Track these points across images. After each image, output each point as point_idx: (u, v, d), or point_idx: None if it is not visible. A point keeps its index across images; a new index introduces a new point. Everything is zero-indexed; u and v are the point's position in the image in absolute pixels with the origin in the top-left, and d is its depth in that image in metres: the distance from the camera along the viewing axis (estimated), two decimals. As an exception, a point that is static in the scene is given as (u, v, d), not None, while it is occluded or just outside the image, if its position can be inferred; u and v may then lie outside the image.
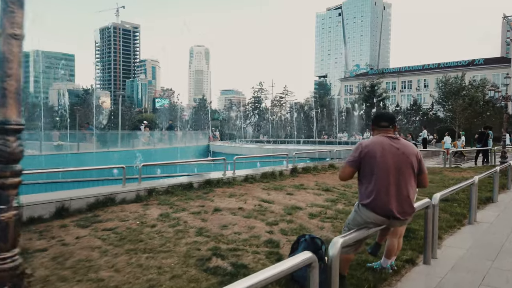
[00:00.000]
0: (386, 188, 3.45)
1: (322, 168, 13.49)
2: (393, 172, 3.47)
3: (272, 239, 5.36)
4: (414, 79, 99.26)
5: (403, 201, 3.50)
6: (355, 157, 3.58)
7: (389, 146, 3.53)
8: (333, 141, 35.82)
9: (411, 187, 3.58)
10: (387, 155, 3.49)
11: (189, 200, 7.33)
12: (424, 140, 23.59)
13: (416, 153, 3.64)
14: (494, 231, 6.57)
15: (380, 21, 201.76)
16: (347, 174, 3.65)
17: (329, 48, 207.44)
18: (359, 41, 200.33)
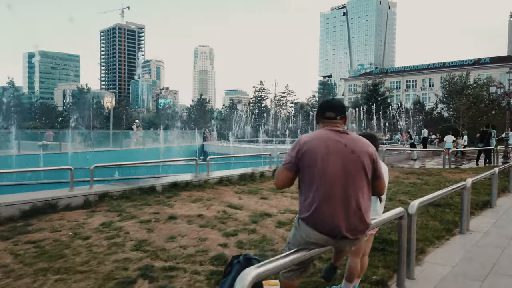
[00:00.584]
0: (330, 198, 2.62)
1: None
2: (339, 177, 2.64)
3: (223, 254, 4.56)
4: (419, 79, 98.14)
5: (353, 214, 2.65)
6: (292, 157, 2.73)
7: (335, 143, 2.70)
8: None
9: (363, 196, 2.71)
10: (331, 155, 2.66)
11: (144, 206, 6.55)
12: (424, 140, 22.64)
13: (371, 152, 2.77)
14: (487, 243, 5.72)
15: (385, 20, 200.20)
16: (283, 180, 2.78)
17: (334, 47, 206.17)
18: (363, 41, 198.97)
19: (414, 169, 14.89)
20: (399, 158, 18.36)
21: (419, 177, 12.48)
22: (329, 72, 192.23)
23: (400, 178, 11.92)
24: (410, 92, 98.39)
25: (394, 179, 11.53)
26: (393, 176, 12.22)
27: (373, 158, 2.77)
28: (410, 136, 21.31)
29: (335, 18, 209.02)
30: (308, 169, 2.68)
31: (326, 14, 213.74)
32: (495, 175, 8.66)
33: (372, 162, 2.77)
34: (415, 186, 10.48)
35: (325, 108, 2.91)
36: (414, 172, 13.71)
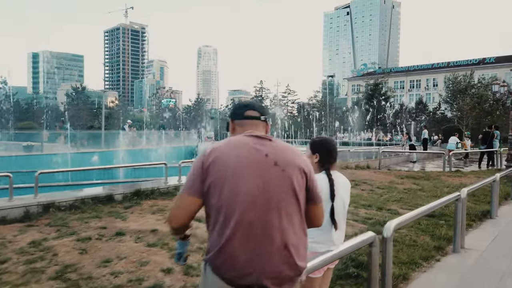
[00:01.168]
0: (243, 230, 1.79)
1: None
2: (256, 199, 1.80)
3: (162, 285, 3.78)
4: (423, 78, 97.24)
5: (276, 254, 1.80)
6: (195, 174, 1.87)
7: (253, 152, 1.87)
8: None
9: (293, 227, 1.86)
10: (246, 168, 1.83)
11: (93, 218, 5.76)
12: (424, 141, 21.72)
13: (303, 165, 1.93)
14: (484, 267, 4.89)
15: (389, 20, 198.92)
16: (185, 211, 1.87)
17: (337, 47, 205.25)
18: (367, 40, 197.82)
19: (412, 173, 14.04)
20: (397, 161, 17.51)
21: (415, 182, 11.65)
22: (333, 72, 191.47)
23: (395, 183, 11.09)
24: (414, 92, 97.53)
25: (388, 184, 10.71)
26: (388, 180, 11.40)
27: (306, 174, 1.93)
28: (409, 137, 20.43)
29: (339, 17, 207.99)
30: (215, 189, 1.83)
31: (330, 14, 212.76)
32: (496, 182, 7.80)
33: (305, 179, 1.93)
34: (409, 192, 9.65)
35: (244, 107, 2.09)
36: (411, 176, 12.86)
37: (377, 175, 12.61)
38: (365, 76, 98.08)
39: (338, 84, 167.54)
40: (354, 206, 7.69)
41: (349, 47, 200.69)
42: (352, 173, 12.26)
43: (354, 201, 8.09)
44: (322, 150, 2.82)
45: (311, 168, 1.99)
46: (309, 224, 1.99)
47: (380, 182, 10.96)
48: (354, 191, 9.34)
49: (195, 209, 1.87)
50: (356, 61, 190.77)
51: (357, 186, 10.01)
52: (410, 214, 3.98)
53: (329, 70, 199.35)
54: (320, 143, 2.85)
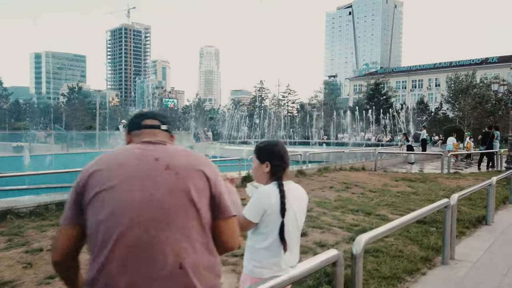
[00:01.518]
0: (125, 251, 1.39)
1: None
2: (144, 214, 1.41)
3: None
4: (425, 78, 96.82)
5: (168, 278, 1.39)
6: (70, 198, 1.49)
7: (139, 159, 1.48)
8: (328, 142, 33.58)
9: (192, 245, 1.45)
10: (131, 178, 1.44)
11: (53, 226, 5.33)
12: (423, 142, 21.20)
13: (203, 168, 1.53)
14: (474, 280, 4.44)
15: (392, 19, 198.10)
16: (60, 244, 1.50)
17: (339, 47, 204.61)
18: (370, 40, 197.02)
19: (408, 175, 13.58)
20: (394, 162, 17.05)
21: (410, 184, 11.19)
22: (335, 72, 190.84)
23: (388, 185, 10.63)
24: (416, 92, 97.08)
25: (381, 187, 10.26)
26: (381, 183, 10.95)
27: (209, 179, 1.52)
28: (407, 138, 19.94)
29: (341, 17, 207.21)
30: (93, 207, 1.43)
31: (332, 14, 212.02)
32: (492, 186, 7.33)
33: (208, 185, 1.52)
34: (402, 196, 9.18)
35: (141, 116, 1.69)
36: (407, 178, 12.40)
37: (371, 177, 12.16)
38: (367, 76, 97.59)
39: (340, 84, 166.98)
40: (341, 211, 7.27)
41: (351, 47, 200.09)
42: (345, 175, 11.83)
43: (342, 206, 7.67)
44: (273, 156, 2.37)
45: (217, 172, 1.57)
46: (217, 245, 1.56)
47: (373, 184, 10.51)
48: (344, 194, 8.91)
49: (73, 239, 1.49)
50: (358, 61, 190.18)
51: (348, 189, 9.58)
52: (385, 227, 3.52)
53: (331, 70, 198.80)
54: (269, 149, 2.40)
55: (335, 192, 8.96)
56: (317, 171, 11.83)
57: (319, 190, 9.10)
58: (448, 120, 44.31)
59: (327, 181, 10.40)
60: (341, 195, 8.72)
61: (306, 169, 11.55)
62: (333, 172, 12.19)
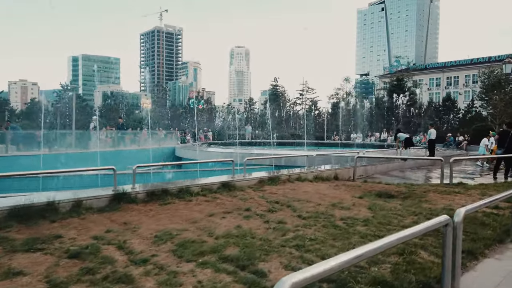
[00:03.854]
0: None
1: (254, 187, 8.51)
2: None
3: None
4: (461, 75, 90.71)
5: None
6: None
7: None
8: (334, 143, 30.22)
9: None
10: None
11: None
12: (431, 144, 17.41)
13: None
14: None
15: (427, 14, 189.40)
16: None
17: (371, 45, 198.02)
18: (403, 37, 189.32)
19: (391, 187, 10.32)
20: (387, 168, 13.69)
21: (381, 203, 8.05)
22: (367, 70, 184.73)
23: (340, 205, 7.49)
24: (451, 90, 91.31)
25: (326, 209, 7.16)
26: (336, 200, 7.86)
27: None
28: (396, 139, 16.36)
29: (373, 14, 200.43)
30: None
31: (363, 11, 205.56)
32: None
33: None
34: (343, 226, 6.06)
35: None
36: (384, 193, 9.22)
37: (333, 190, 9.06)
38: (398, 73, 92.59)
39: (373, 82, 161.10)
40: (200, 262, 4.32)
41: (384, 44, 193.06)
42: (293, 189, 8.80)
43: (214, 249, 4.71)
44: None
45: None
46: None
47: (320, 203, 7.44)
48: (252, 223, 5.92)
49: None
50: (391, 58, 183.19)
51: (272, 212, 6.57)
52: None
53: (363, 68, 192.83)
54: None
55: (237, 219, 6.00)
56: (257, 182, 8.85)
57: (213, 216, 6.16)
58: (481, 119, 39.60)
59: (252, 199, 7.43)
60: (243, 224, 5.76)
61: (240, 180, 8.57)
62: (281, 183, 9.18)
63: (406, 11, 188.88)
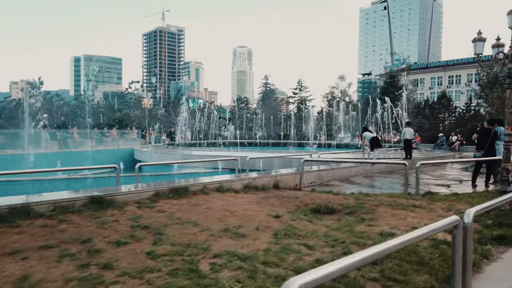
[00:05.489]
0: None
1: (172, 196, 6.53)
2: None
3: None
4: (463, 73, 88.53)
5: None
6: None
7: None
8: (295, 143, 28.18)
9: None
10: None
11: None
12: (406, 144, 15.15)
13: None
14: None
15: (430, 13, 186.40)
16: None
17: (374, 44, 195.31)
18: (406, 36, 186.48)
19: (340, 198, 8.31)
20: (349, 173, 11.63)
21: (318, 218, 6.14)
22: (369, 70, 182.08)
23: (254, 225, 5.51)
24: (453, 89, 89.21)
25: (221, 233, 5.17)
26: (246, 220, 5.88)
27: None
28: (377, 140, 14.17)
29: (376, 13, 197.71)
30: None
31: (366, 10, 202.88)
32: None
33: None
34: (212, 271, 4.10)
35: None
36: (327, 205, 7.25)
37: (251, 206, 7.06)
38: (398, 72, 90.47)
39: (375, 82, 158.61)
40: None
41: (387, 44, 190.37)
42: (199, 203, 6.80)
43: None
44: None
45: None
46: None
47: (208, 228, 5.42)
48: (50, 270, 3.93)
49: None
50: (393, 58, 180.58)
51: (118, 246, 4.58)
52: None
53: (365, 68, 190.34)
54: None
55: (41, 261, 4.01)
56: (152, 195, 6.86)
57: (13, 255, 4.19)
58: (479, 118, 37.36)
59: (116, 222, 5.43)
60: (36, 271, 3.77)
61: (124, 193, 6.55)
62: (188, 196, 7.19)
63: (409, 9, 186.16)
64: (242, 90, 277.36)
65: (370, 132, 14.80)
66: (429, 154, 18.84)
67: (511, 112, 7.22)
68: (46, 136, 18.07)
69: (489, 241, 5.35)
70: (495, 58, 7.18)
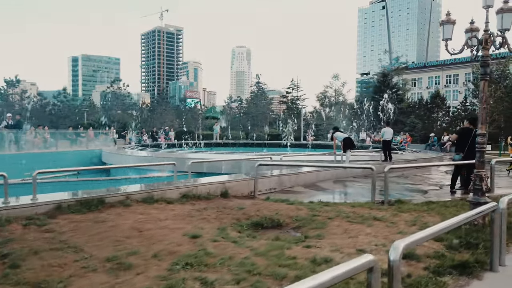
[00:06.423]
0: None
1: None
2: None
3: None
4: (461, 73, 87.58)
5: None
6: None
7: None
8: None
9: None
10: None
11: None
12: (385, 144, 13.90)
13: None
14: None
15: (429, 12, 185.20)
16: None
17: (372, 44, 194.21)
18: (405, 36, 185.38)
19: (291, 208, 7.18)
20: (316, 177, 10.46)
21: (253, 235, 5.03)
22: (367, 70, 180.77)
23: (152, 252, 4.38)
24: (450, 88, 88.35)
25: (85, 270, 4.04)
26: (153, 240, 4.75)
27: None
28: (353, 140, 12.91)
29: (374, 12, 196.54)
30: None
31: (365, 9, 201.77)
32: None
33: None
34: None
35: None
36: (273, 218, 6.13)
37: (176, 220, 5.93)
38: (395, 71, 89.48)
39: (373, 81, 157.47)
40: None
41: (385, 43, 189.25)
42: (105, 220, 5.65)
43: None
44: None
45: None
46: None
47: (76, 261, 4.29)
48: None
49: None
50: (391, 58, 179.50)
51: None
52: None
53: (364, 67, 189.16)
54: None
55: None
56: (53, 208, 5.71)
57: None
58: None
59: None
60: None
61: (14, 207, 5.38)
62: (103, 209, 6.05)
63: (407, 9, 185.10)
64: (241, 90, 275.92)
65: (341, 132, 13.66)
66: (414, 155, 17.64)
67: (484, 108, 6.08)
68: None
69: (449, 270, 4.19)
70: (466, 44, 6.05)
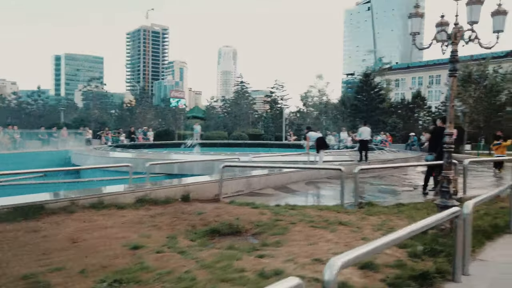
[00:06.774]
0: None
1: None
2: None
3: None
4: (443, 73, 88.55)
5: None
6: None
7: None
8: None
9: None
10: None
11: None
12: (362, 144, 13.55)
13: None
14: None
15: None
16: None
17: (358, 44, 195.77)
18: (389, 37, 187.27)
19: (254, 212, 6.78)
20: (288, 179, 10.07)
21: (207, 243, 4.62)
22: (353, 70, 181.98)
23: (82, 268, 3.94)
24: (433, 89, 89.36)
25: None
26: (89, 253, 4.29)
27: None
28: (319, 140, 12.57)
29: (359, 13, 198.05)
30: None
31: (351, 10, 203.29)
32: None
33: None
34: None
35: None
36: (231, 224, 5.73)
37: (121, 228, 5.48)
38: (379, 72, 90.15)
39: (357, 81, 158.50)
40: None
41: (370, 44, 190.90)
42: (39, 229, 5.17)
43: None
44: None
45: None
46: None
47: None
48: None
49: None
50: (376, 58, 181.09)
51: None
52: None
53: (349, 68, 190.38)
54: None
55: None
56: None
57: None
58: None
59: None
60: None
61: None
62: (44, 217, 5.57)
63: (392, 10, 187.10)
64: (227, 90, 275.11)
65: (314, 132, 13.34)
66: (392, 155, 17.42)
67: (453, 106, 5.76)
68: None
69: (407, 282, 3.84)
70: (435, 38, 5.76)
